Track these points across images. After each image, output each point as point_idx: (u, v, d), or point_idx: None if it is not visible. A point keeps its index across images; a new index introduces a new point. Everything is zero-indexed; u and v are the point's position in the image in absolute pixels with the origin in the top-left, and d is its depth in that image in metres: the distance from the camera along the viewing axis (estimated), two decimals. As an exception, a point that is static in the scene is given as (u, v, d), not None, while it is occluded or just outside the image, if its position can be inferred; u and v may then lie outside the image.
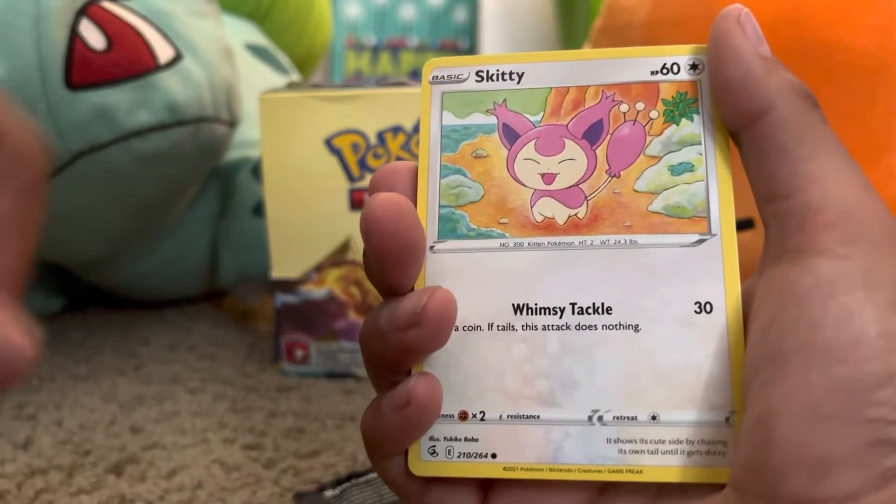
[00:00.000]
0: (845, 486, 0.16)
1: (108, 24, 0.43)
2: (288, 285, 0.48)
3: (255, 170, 0.58)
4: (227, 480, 0.36)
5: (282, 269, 0.48)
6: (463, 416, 0.21)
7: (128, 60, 0.43)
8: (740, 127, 0.20)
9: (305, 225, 0.47)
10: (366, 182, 0.46)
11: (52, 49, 0.41)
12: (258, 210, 0.57)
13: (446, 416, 0.21)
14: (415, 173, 0.23)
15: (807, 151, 0.19)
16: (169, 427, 0.41)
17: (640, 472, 0.20)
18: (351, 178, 0.46)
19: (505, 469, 0.21)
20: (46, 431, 0.41)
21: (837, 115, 0.37)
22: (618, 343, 0.20)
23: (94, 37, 0.43)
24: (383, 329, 0.20)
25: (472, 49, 1.65)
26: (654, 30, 0.42)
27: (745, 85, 0.20)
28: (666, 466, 0.20)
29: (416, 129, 0.46)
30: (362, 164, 0.46)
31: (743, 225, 0.22)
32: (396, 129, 0.46)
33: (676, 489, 0.20)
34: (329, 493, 0.32)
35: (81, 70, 0.42)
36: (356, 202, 0.46)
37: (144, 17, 0.46)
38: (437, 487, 0.21)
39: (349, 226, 0.47)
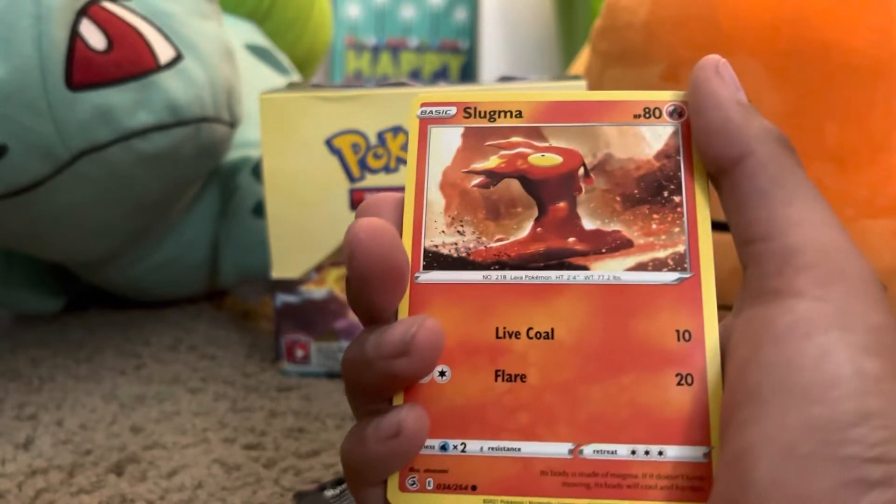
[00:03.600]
0: None
1: (109, 25, 0.43)
2: (288, 285, 0.48)
3: (256, 170, 0.59)
4: (227, 480, 0.36)
5: (282, 269, 0.48)
6: (443, 447, 0.21)
7: (128, 61, 0.43)
8: (720, 171, 0.21)
9: (305, 225, 0.47)
10: (366, 182, 0.46)
11: (53, 49, 0.41)
12: (258, 210, 0.57)
13: (427, 446, 0.21)
14: (400, 204, 0.23)
15: (785, 195, 0.20)
16: (169, 427, 0.42)
17: None
18: (351, 178, 0.46)
19: (485, 501, 0.21)
20: (47, 431, 0.41)
21: (837, 115, 0.37)
22: (599, 376, 0.21)
23: (94, 37, 0.43)
24: (369, 357, 0.20)
25: (472, 49, 1.65)
26: (654, 30, 0.42)
27: (725, 130, 0.21)
28: (645, 502, 0.20)
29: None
30: (362, 165, 0.46)
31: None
32: (396, 130, 0.46)
33: None
34: (329, 493, 0.32)
35: (82, 70, 0.42)
36: (356, 202, 0.46)
37: (145, 18, 0.46)
38: None
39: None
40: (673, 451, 0.20)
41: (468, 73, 1.66)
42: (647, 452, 0.20)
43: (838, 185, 0.38)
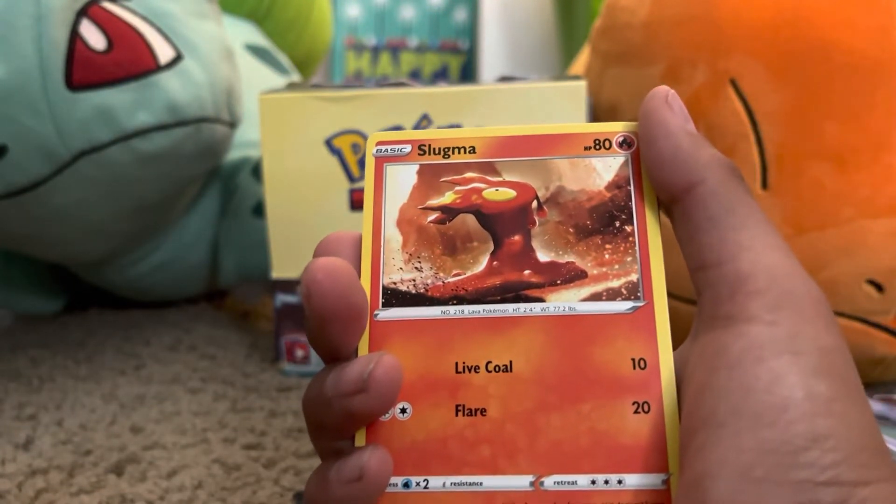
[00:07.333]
0: None
1: (109, 25, 0.43)
2: (288, 285, 0.48)
3: (256, 170, 0.59)
4: (227, 480, 0.36)
5: (282, 269, 0.48)
6: (406, 484, 0.21)
7: (128, 61, 0.43)
8: (672, 199, 0.21)
9: (305, 225, 0.47)
10: (366, 182, 0.46)
11: (53, 49, 0.41)
12: (258, 210, 0.57)
13: (391, 484, 0.21)
14: (358, 242, 0.23)
15: (736, 221, 0.20)
16: (169, 427, 0.42)
17: None
18: (351, 178, 0.46)
19: None
20: (47, 431, 0.41)
21: (837, 115, 0.37)
22: (558, 407, 0.21)
23: (94, 37, 0.43)
24: (328, 395, 0.21)
25: (472, 49, 1.65)
26: (654, 30, 0.42)
27: (676, 159, 0.21)
28: None
29: (417, 129, 0.46)
30: (362, 165, 0.46)
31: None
32: (396, 130, 0.46)
33: None
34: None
35: (82, 70, 0.42)
36: (356, 202, 0.46)
37: (145, 18, 0.46)
38: None
39: (349, 226, 0.47)
40: (632, 480, 0.20)
41: (468, 73, 1.66)
42: (606, 482, 0.20)
43: (838, 185, 0.38)
